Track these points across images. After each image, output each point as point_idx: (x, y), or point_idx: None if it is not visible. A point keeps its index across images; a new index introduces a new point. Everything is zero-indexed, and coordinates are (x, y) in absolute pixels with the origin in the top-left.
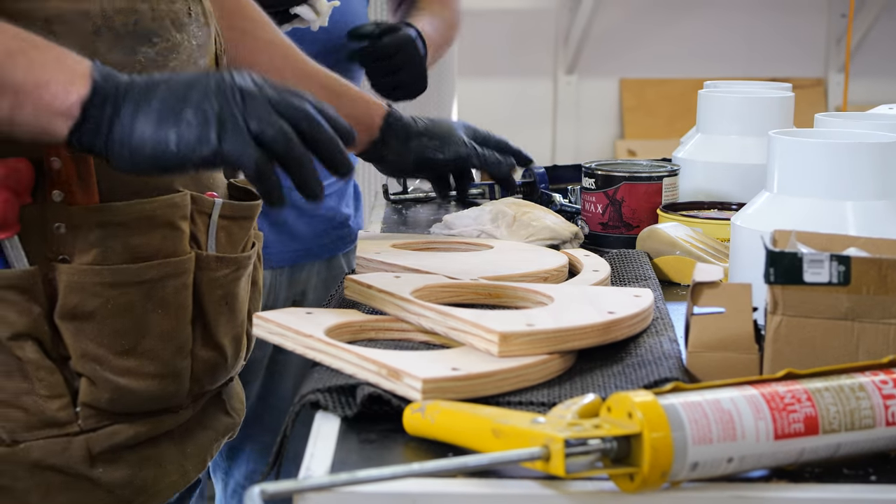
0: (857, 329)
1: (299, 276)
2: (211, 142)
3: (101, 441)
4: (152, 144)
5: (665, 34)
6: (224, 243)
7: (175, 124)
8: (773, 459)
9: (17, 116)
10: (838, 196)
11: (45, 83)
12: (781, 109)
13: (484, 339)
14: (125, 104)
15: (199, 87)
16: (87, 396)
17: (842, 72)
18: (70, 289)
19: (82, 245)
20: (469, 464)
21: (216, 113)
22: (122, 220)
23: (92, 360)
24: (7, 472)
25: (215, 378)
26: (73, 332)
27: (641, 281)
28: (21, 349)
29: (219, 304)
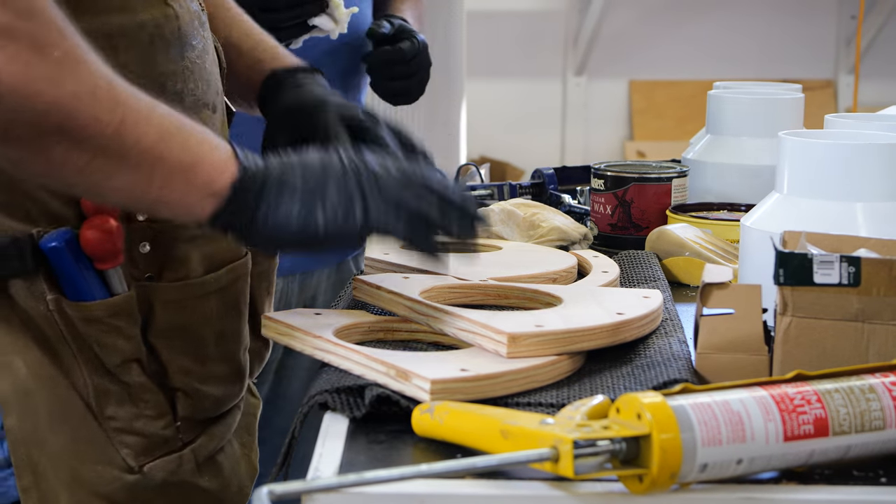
0: (867, 330)
1: (310, 282)
2: (358, 220)
3: (202, 450)
4: (299, 223)
5: (675, 36)
6: None
7: (320, 203)
8: (783, 461)
9: (165, 196)
10: (848, 197)
11: (199, 164)
12: (791, 110)
13: (493, 339)
14: (267, 186)
15: (332, 166)
16: (185, 410)
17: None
18: (165, 307)
19: (170, 262)
20: (477, 465)
21: (357, 190)
22: (200, 232)
23: (186, 373)
24: (139, 498)
25: (260, 366)
26: (168, 348)
27: (650, 282)
28: (128, 374)
29: (264, 295)
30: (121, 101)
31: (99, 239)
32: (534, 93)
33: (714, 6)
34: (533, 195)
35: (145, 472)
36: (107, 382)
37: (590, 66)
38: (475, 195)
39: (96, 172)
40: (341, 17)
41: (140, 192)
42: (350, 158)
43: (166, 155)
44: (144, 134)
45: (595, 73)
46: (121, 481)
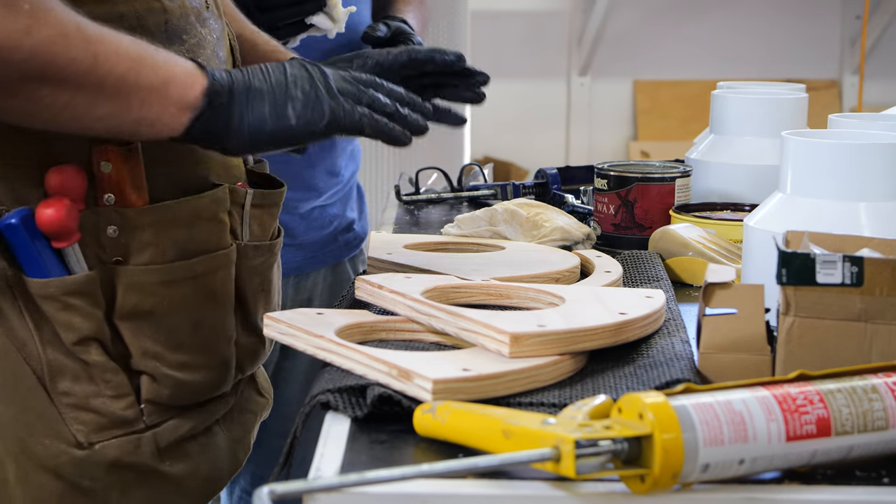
0: (870, 330)
1: (305, 284)
2: (326, 113)
3: (167, 435)
4: (273, 121)
5: (679, 35)
6: (256, 232)
7: (290, 102)
8: (785, 461)
9: (143, 116)
10: (851, 197)
11: (171, 79)
12: (795, 110)
13: (495, 339)
14: (236, 90)
15: (290, 72)
16: (150, 393)
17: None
18: (128, 289)
19: (136, 246)
20: (479, 465)
21: (321, 87)
22: (171, 218)
23: (151, 357)
24: (87, 474)
25: (255, 362)
26: (133, 331)
27: (654, 282)
28: (87, 353)
29: (257, 291)
30: (91, 39)
31: (54, 217)
32: (538, 93)
33: (718, 6)
34: (536, 195)
35: (96, 449)
36: (62, 358)
37: (594, 66)
38: (479, 195)
39: (79, 107)
40: (339, 17)
41: (121, 117)
42: (310, 63)
43: (140, 79)
44: (116, 64)
45: (599, 73)
46: (68, 455)
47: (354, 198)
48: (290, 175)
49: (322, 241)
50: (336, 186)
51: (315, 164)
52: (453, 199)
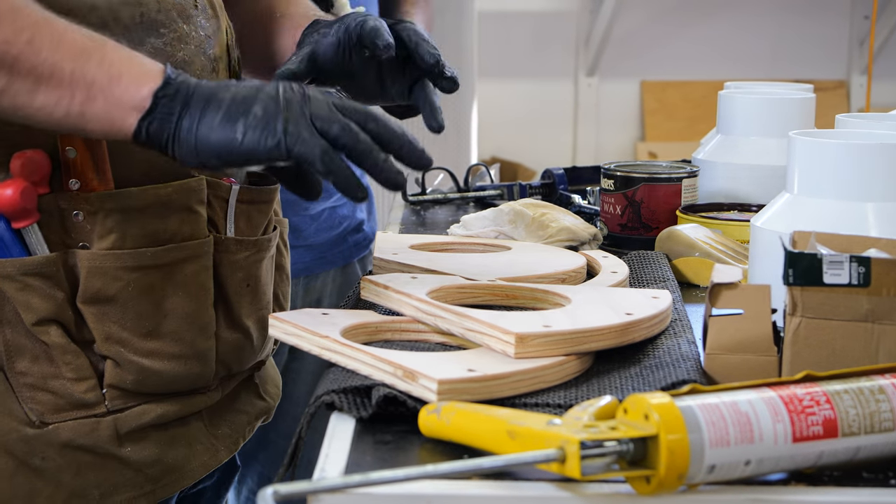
0: (877, 331)
1: (315, 285)
2: (277, 134)
3: (129, 421)
4: (219, 135)
5: (686, 36)
6: (244, 227)
7: (243, 117)
8: (792, 462)
9: (88, 111)
10: (859, 197)
11: (118, 77)
12: (802, 110)
13: (500, 340)
14: (194, 99)
15: (265, 90)
16: (113, 378)
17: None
18: (91, 273)
19: (100, 231)
20: (484, 465)
21: (282, 110)
22: (138, 205)
23: (116, 342)
24: (38, 453)
25: (242, 360)
26: (96, 315)
27: (660, 282)
28: (46, 334)
29: (240, 286)
30: (27, 24)
31: (10, 198)
32: (545, 93)
33: (726, 6)
34: (543, 195)
35: (49, 429)
36: (21, 338)
37: (601, 67)
38: (485, 195)
39: (17, 94)
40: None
41: (63, 109)
42: (288, 87)
43: (84, 71)
44: (54, 53)
45: (607, 74)
46: (18, 433)
47: None
48: None
49: (332, 242)
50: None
51: None
52: (459, 200)
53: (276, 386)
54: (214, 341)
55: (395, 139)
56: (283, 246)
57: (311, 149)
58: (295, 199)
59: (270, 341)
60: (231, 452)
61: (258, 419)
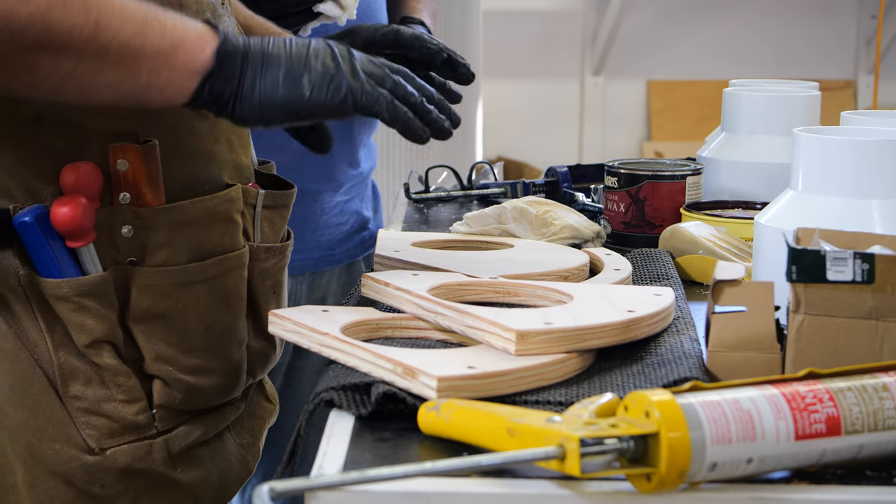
0: (881, 328)
1: (319, 282)
2: (342, 89)
3: (178, 441)
4: (285, 90)
5: (693, 36)
6: (268, 233)
7: (306, 73)
8: (794, 460)
9: (154, 81)
10: (864, 194)
11: (181, 43)
12: (807, 108)
13: (501, 337)
14: (251, 56)
15: (316, 47)
16: (162, 398)
17: (871, 73)
18: (142, 291)
19: (151, 246)
20: (483, 463)
21: (342, 64)
22: (187, 219)
23: (165, 360)
24: (97, 481)
25: (266, 367)
26: (146, 334)
27: (663, 280)
28: (99, 355)
29: (268, 294)
30: (92, 5)
31: (69, 216)
32: (551, 93)
33: (732, 6)
34: (547, 193)
35: (107, 455)
36: (75, 361)
37: (607, 66)
38: (489, 193)
39: (83, 75)
40: (348, 4)
41: (129, 83)
42: (337, 45)
43: (147, 44)
44: (120, 29)
45: (613, 73)
46: (78, 462)
47: (370, 197)
48: (311, 165)
49: (339, 239)
50: (355, 179)
51: (335, 154)
52: (463, 198)
53: (272, 387)
54: (246, 352)
55: (431, 94)
56: None
57: (376, 100)
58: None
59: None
60: (257, 460)
61: (268, 422)
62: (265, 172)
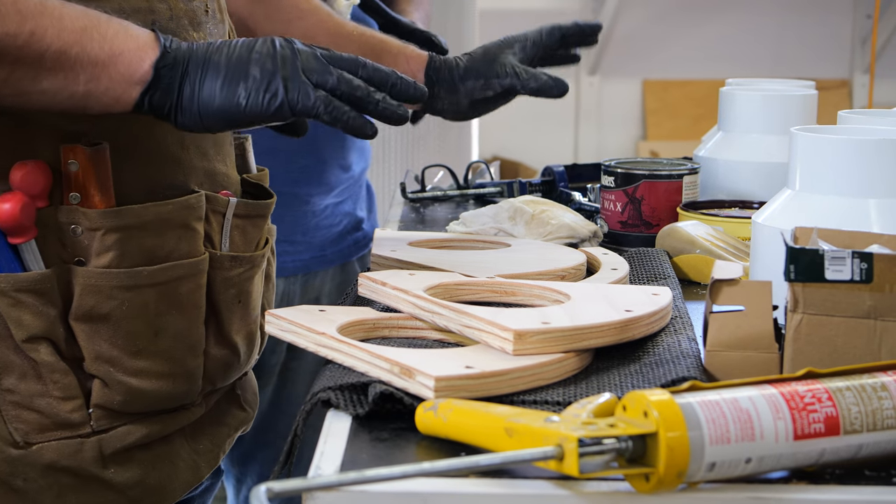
0: (879, 328)
1: (313, 283)
2: (279, 95)
3: (114, 442)
4: (222, 100)
5: (688, 35)
6: (238, 242)
7: (243, 80)
8: (793, 460)
9: (92, 90)
10: (861, 194)
11: (120, 53)
12: (804, 107)
13: (499, 336)
14: (192, 64)
15: (257, 49)
16: (100, 398)
17: (867, 73)
18: (86, 291)
19: (98, 247)
20: (481, 463)
21: (280, 68)
22: (138, 223)
23: (105, 361)
24: (20, 474)
25: (228, 375)
26: (88, 333)
27: (660, 279)
28: (36, 351)
29: (232, 303)
30: (28, 14)
31: (8, 213)
32: None
33: (728, 6)
34: (543, 192)
35: (32, 449)
36: (11, 355)
37: (603, 66)
38: (485, 192)
39: (20, 81)
40: (341, 9)
41: (67, 91)
42: (279, 43)
43: (84, 53)
44: (57, 38)
45: (608, 73)
46: (2, 454)
47: (364, 196)
48: (301, 169)
49: (331, 240)
50: (347, 182)
51: (326, 158)
52: (459, 197)
53: (254, 394)
54: (202, 359)
55: (387, 78)
56: (271, 255)
57: (313, 103)
58: (295, 195)
59: (255, 354)
60: (212, 467)
61: (238, 430)
62: (253, 180)
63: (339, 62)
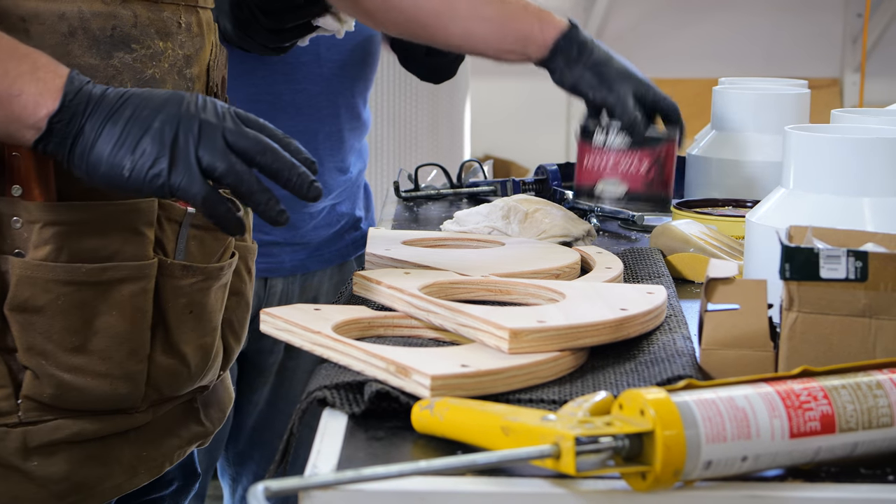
0: (874, 326)
1: (311, 282)
2: (161, 175)
3: (41, 435)
4: (107, 166)
5: (679, 34)
6: (195, 252)
7: (130, 151)
8: (789, 458)
9: None
10: (855, 192)
11: (18, 95)
12: (797, 106)
13: (494, 335)
14: (89, 122)
15: (163, 114)
16: (30, 389)
17: (858, 71)
18: (21, 281)
19: (36, 240)
20: (478, 462)
21: (170, 145)
22: (79, 220)
23: (38, 354)
24: None
25: (176, 386)
26: (22, 324)
27: (655, 278)
28: None
29: (181, 313)
30: None
31: None
32: (538, 91)
33: (719, 4)
34: (536, 191)
35: None
36: None
37: None
38: (478, 191)
39: None
40: (347, 17)
41: None
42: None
43: None
44: None
45: None
46: None
47: (361, 196)
48: None
49: (328, 240)
50: (344, 184)
51: (323, 161)
52: (453, 196)
53: (221, 410)
54: (146, 364)
55: (284, 171)
56: (245, 272)
57: (193, 192)
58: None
59: (215, 367)
60: (153, 476)
61: (192, 444)
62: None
63: (243, 140)
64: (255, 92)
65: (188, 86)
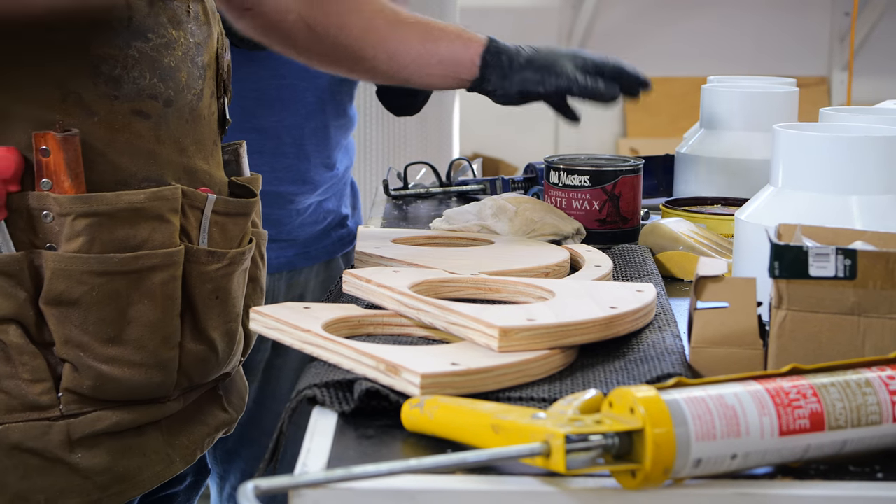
0: (863, 324)
1: (297, 280)
2: None
3: (83, 427)
4: None
5: (667, 32)
6: (217, 238)
7: None
8: (778, 456)
9: None
10: (843, 190)
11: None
12: (785, 104)
13: (484, 333)
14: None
15: None
16: (70, 382)
17: (845, 70)
18: (55, 275)
19: (69, 233)
20: (468, 460)
21: None
22: (109, 211)
23: (76, 346)
24: None
25: (206, 372)
26: (58, 318)
27: (644, 276)
28: (5, 333)
29: (209, 298)
30: None
31: None
32: None
33: (708, 3)
34: (525, 189)
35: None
36: None
37: None
38: (467, 190)
39: None
40: None
41: None
42: None
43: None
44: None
45: None
46: None
47: (348, 193)
48: (286, 168)
49: (315, 237)
50: (331, 181)
51: (310, 157)
52: (442, 194)
53: (241, 397)
54: (178, 352)
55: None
56: (259, 258)
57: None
58: (280, 193)
59: (238, 354)
60: (187, 464)
61: (219, 431)
62: (241, 183)
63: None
64: (241, 87)
65: (200, 73)
